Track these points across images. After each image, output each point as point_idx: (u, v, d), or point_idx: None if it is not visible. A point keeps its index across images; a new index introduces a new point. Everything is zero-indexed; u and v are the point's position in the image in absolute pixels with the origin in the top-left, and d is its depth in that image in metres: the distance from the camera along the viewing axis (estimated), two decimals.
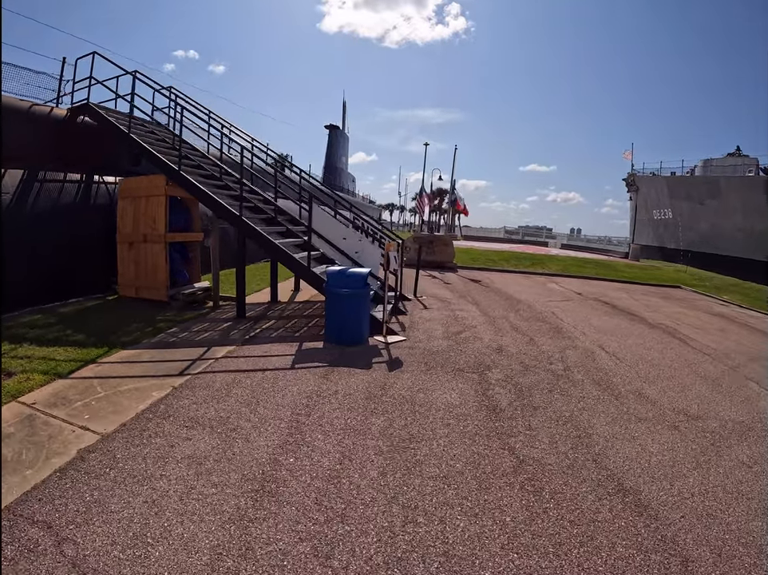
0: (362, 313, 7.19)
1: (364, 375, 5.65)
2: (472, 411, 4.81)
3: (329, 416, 4.41)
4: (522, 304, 11.38)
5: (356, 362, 6.16)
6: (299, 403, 4.65)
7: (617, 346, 7.89)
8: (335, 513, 3.01)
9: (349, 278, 7.04)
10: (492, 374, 6.00)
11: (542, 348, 7.38)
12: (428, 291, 12.46)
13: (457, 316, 9.44)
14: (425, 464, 3.71)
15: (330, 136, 45.15)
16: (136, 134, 10.04)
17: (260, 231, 8.66)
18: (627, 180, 38.43)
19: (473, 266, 19.32)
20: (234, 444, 3.76)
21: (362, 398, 4.90)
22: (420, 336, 7.74)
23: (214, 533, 2.76)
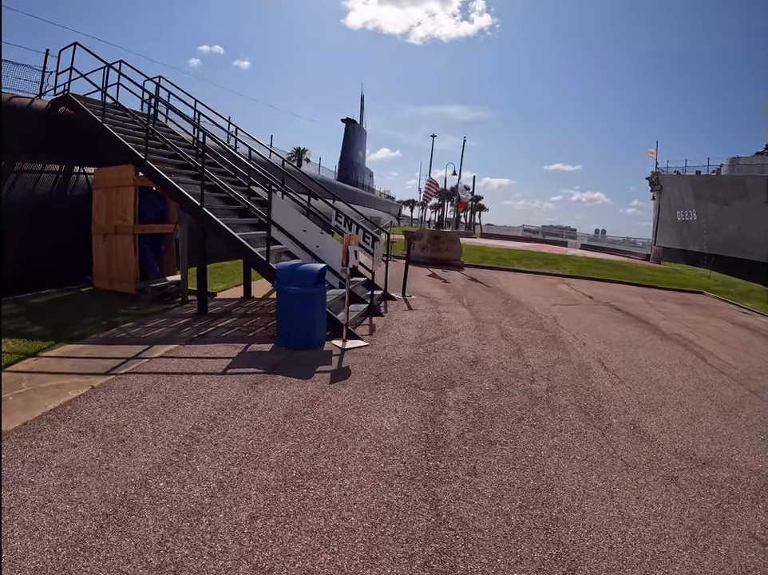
0: (314, 314, 6.26)
1: (298, 387, 4.81)
2: (406, 443, 3.81)
3: (231, 434, 3.74)
4: (521, 307, 10.25)
5: (297, 370, 5.33)
6: (207, 416, 4.03)
7: (620, 360, 6.73)
8: (173, 560, 2.43)
9: (299, 274, 6.12)
10: (454, 393, 4.97)
11: (528, 361, 6.29)
12: (420, 290, 11.41)
13: (441, 320, 8.39)
14: (312, 511, 2.86)
15: (347, 130, 44.19)
16: (110, 124, 9.62)
17: (220, 222, 7.91)
18: (651, 179, 36.46)
19: (482, 264, 18.17)
20: (114, 457, 3.34)
21: (281, 416, 4.12)
22: (386, 342, 6.74)
23: (42, 555, 2.43)
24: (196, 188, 8.44)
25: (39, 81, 11.26)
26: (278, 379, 4.99)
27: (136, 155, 8.74)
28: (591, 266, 20.19)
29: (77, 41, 10.42)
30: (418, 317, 8.48)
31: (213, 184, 9.56)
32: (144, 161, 8.62)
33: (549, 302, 11.38)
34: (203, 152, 8.49)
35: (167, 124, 12.33)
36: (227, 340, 6.37)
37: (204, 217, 7.95)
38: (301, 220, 7.39)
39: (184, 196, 8.19)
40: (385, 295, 9.86)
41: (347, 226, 9.85)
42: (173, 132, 12.12)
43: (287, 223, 7.41)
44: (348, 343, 6.52)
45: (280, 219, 7.49)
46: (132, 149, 8.85)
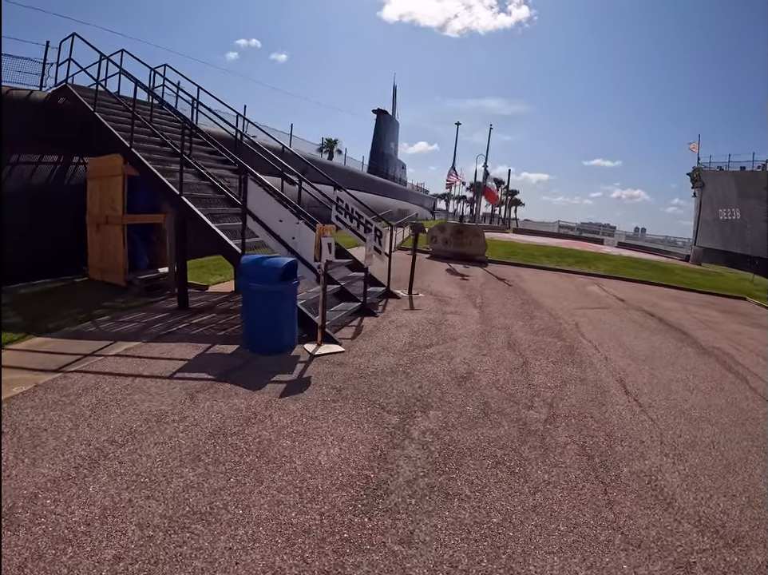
0: (280, 314, 5.51)
1: (241, 399, 4.17)
2: (337, 486, 2.99)
3: (142, 452, 3.24)
4: (541, 310, 9.18)
5: (251, 377, 4.68)
6: (128, 427, 3.57)
7: (645, 381, 5.66)
8: None
9: (262, 270, 5.41)
10: (425, 419, 4.06)
11: (532, 379, 5.31)
12: (431, 287, 10.48)
13: (443, 323, 7.46)
14: (182, 564, 2.28)
15: (378, 121, 43.15)
16: (104, 113, 9.38)
17: (196, 211, 7.28)
18: (692, 175, 33.90)
19: (508, 261, 17.01)
20: (19, 464, 3.01)
21: (206, 434, 3.52)
22: (368, 348, 5.90)
23: None
24: (187, 178, 8.01)
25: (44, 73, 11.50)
26: (224, 388, 4.36)
27: (121, 143, 8.42)
28: (626, 266, 18.67)
29: (75, 32, 10.38)
30: (417, 319, 7.57)
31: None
32: (128, 149, 8.27)
33: (574, 304, 10.25)
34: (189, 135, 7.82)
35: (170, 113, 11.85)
36: (193, 339, 5.83)
37: (182, 205, 7.41)
38: (277, 209, 6.59)
39: (163, 183, 7.68)
40: (387, 292, 8.99)
41: (348, 217, 9.02)
42: (176, 120, 11.61)
43: (263, 212, 6.63)
44: (322, 347, 5.72)
45: (257, 208, 6.71)
46: (118, 137, 8.53)
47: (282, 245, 6.39)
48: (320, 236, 5.66)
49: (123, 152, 8.45)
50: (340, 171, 27.42)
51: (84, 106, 9.46)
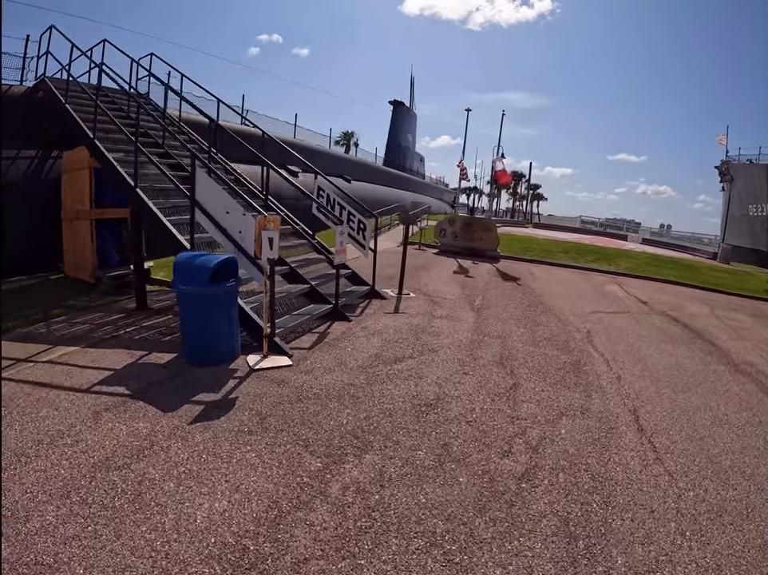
0: (214, 321, 4.68)
1: (148, 422, 3.54)
2: (200, 559, 2.22)
3: (5, 485, 2.72)
4: (549, 315, 8.02)
5: (171, 395, 4.02)
6: (15, 451, 3.07)
7: (665, 412, 4.51)
8: None
9: (193, 269, 4.59)
10: (357, 467, 3.08)
11: (519, 410, 4.22)
12: (428, 286, 9.40)
13: (427, 330, 6.39)
14: None
15: (394, 113, 41.77)
16: (75, 105, 8.87)
17: (150, 204, 6.58)
18: (720, 168, 31.61)
19: (522, 257, 15.78)
20: None
21: (88, 465, 2.95)
22: (322, 362, 4.94)
23: None
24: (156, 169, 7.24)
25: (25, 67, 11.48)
26: (135, 407, 3.77)
27: (85, 133, 7.88)
28: (650, 263, 17.15)
29: (53, 25, 10.10)
30: (397, 324, 6.52)
31: (177, 162, 8.39)
32: (90, 139, 7.72)
33: (589, 307, 9.04)
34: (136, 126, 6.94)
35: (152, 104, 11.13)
36: (134, 345, 5.29)
37: (136, 197, 6.73)
38: (225, 199, 5.63)
39: (120, 175, 7.00)
40: (371, 292, 7.95)
41: (331, 206, 8.01)
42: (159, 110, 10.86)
43: (211, 203, 5.69)
44: (266, 360, 4.80)
45: (205, 198, 5.77)
46: (83, 127, 7.99)
47: (229, 241, 5.42)
48: (260, 230, 4.69)
49: (87, 142, 7.92)
50: (351, 162, 26.39)
51: (56, 98, 9.01)
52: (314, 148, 21.03)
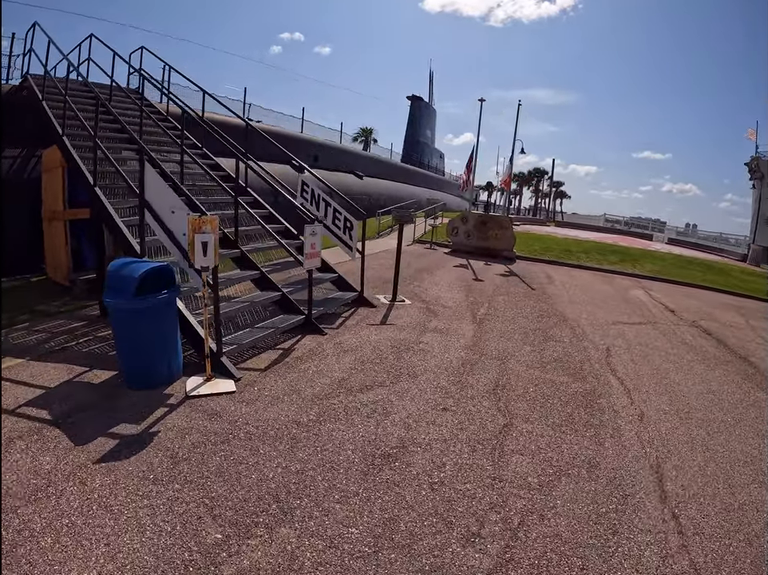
0: (142, 339, 3.96)
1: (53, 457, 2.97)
2: None
3: None
4: (563, 327, 6.97)
5: (90, 424, 3.40)
6: None
7: (698, 468, 3.46)
8: None
9: (120, 279, 3.83)
10: (261, 545, 2.18)
11: (505, 468, 3.23)
12: (428, 292, 8.41)
13: (412, 347, 5.43)
14: None
15: (412, 108, 40.47)
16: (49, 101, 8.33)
17: (106, 204, 5.88)
18: (750, 164, 29.43)
19: (540, 258, 14.62)
20: None
21: None
22: (272, 389, 4.11)
23: None
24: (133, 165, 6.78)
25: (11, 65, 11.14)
26: (49, 436, 3.20)
27: (55, 130, 7.30)
28: (677, 265, 15.75)
29: (36, 21, 9.64)
30: (379, 340, 5.58)
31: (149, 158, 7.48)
32: (59, 136, 7.18)
33: (610, 317, 7.94)
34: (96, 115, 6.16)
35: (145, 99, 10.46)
36: (79, 359, 4.57)
37: (94, 196, 6.03)
38: (170, 198, 4.77)
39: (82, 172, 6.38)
40: (359, 299, 7.01)
41: (315, 203, 7.10)
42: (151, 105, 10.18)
43: (158, 202, 4.86)
44: (206, 385, 4.00)
45: (153, 197, 4.93)
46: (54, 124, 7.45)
47: (174, 244, 4.56)
48: (193, 232, 3.80)
49: (57, 139, 7.31)
50: (364, 158, 25.41)
51: (35, 95, 8.54)
52: (319, 143, 20.08)
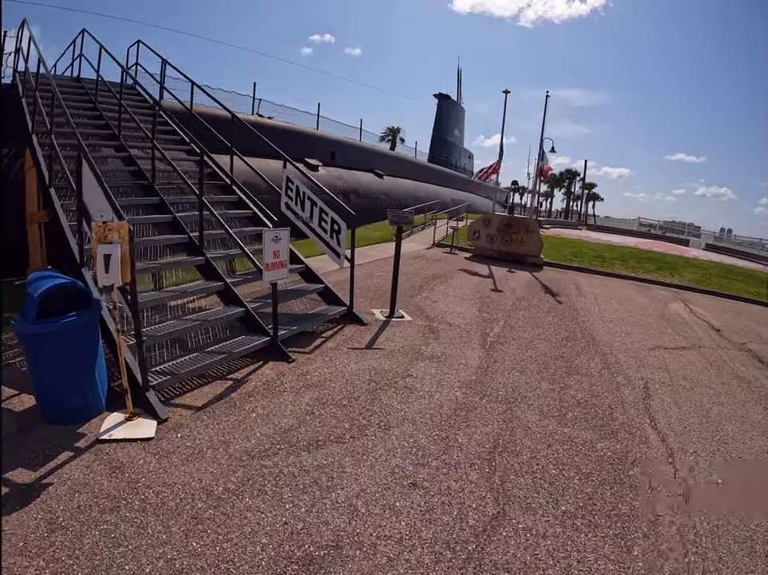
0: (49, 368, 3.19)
1: None
2: None
3: None
4: (593, 354, 5.77)
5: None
6: None
7: None
8: None
9: (27, 298, 3.15)
10: None
11: None
12: (435, 306, 7.29)
13: (395, 384, 4.34)
14: None
15: (440, 107, 38.98)
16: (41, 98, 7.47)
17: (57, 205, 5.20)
18: None
19: (569, 264, 13.26)
20: None
21: None
22: (199, 437, 3.20)
23: None
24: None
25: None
26: None
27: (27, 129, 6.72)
28: (718, 274, 14.04)
29: (25, 18, 8.97)
30: (357, 370, 4.51)
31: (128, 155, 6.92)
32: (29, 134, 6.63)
33: (649, 340, 6.66)
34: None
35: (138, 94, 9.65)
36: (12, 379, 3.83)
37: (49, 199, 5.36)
38: (99, 200, 3.85)
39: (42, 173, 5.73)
40: (348, 314, 5.97)
41: (300, 202, 6.10)
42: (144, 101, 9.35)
43: (92, 205, 3.95)
44: (123, 427, 3.40)
45: (89, 199, 4.03)
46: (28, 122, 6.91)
47: None
48: (96, 242, 2.85)
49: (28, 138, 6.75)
50: (385, 157, 24.28)
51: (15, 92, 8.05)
52: (336, 140, 19.03)
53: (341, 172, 17.44)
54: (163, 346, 4.40)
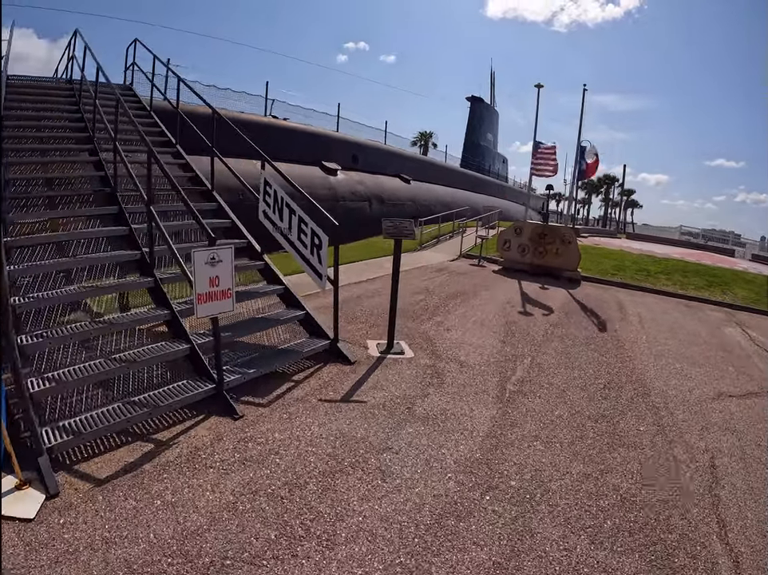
0: None
1: None
2: None
3: None
4: (645, 409, 4.40)
5: None
6: None
7: None
8: None
9: None
10: None
11: None
12: (449, 334, 6.03)
13: (365, 463, 3.12)
14: None
15: (472, 110, 37.27)
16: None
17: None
18: None
19: (611, 280, 11.68)
20: None
21: None
22: (78, 531, 2.18)
23: None
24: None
25: None
26: None
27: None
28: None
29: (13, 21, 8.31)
30: (315, 439, 3.31)
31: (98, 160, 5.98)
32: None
33: (709, 384, 5.22)
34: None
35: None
36: None
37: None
38: None
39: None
40: (331, 349, 4.76)
41: (278, 209, 4.95)
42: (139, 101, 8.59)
43: None
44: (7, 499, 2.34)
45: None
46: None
47: None
48: None
49: None
50: (412, 161, 22.99)
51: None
52: (357, 142, 17.81)
53: (363, 176, 16.30)
54: (83, 392, 3.35)
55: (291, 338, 4.76)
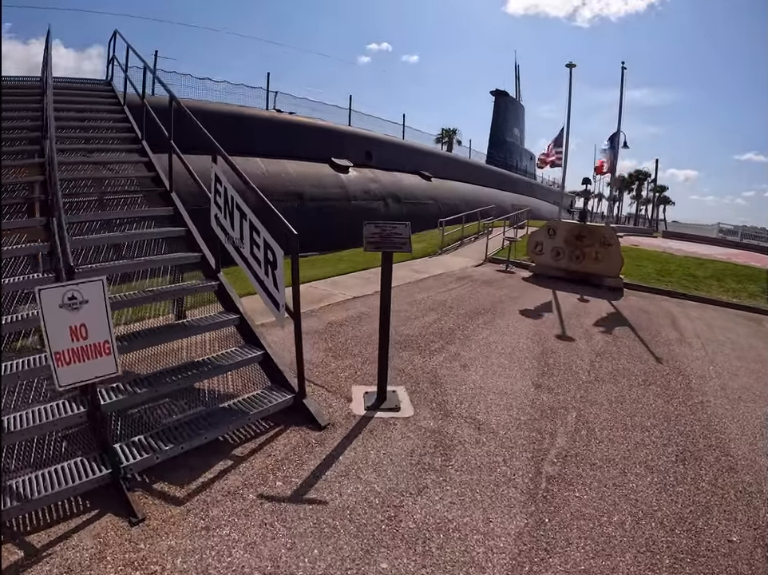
0: None
1: None
2: None
3: None
4: (737, 502, 2.85)
5: None
6: None
7: None
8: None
9: None
10: None
11: None
12: (462, 376, 4.62)
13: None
14: None
15: (497, 105, 35.29)
16: None
17: None
18: None
19: (657, 287, 10.00)
20: None
21: None
22: None
23: None
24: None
25: None
26: None
27: None
28: None
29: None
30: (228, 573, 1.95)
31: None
32: None
33: None
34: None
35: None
36: None
37: None
38: None
39: None
40: (295, 406, 3.41)
41: (229, 213, 3.59)
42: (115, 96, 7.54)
43: None
44: None
45: None
46: None
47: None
48: None
49: None
50: (434, 156, 21.45)
51: None
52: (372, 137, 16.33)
53: (377, 173, 14.90)
54: None
55: (243, 389, 3.44)
